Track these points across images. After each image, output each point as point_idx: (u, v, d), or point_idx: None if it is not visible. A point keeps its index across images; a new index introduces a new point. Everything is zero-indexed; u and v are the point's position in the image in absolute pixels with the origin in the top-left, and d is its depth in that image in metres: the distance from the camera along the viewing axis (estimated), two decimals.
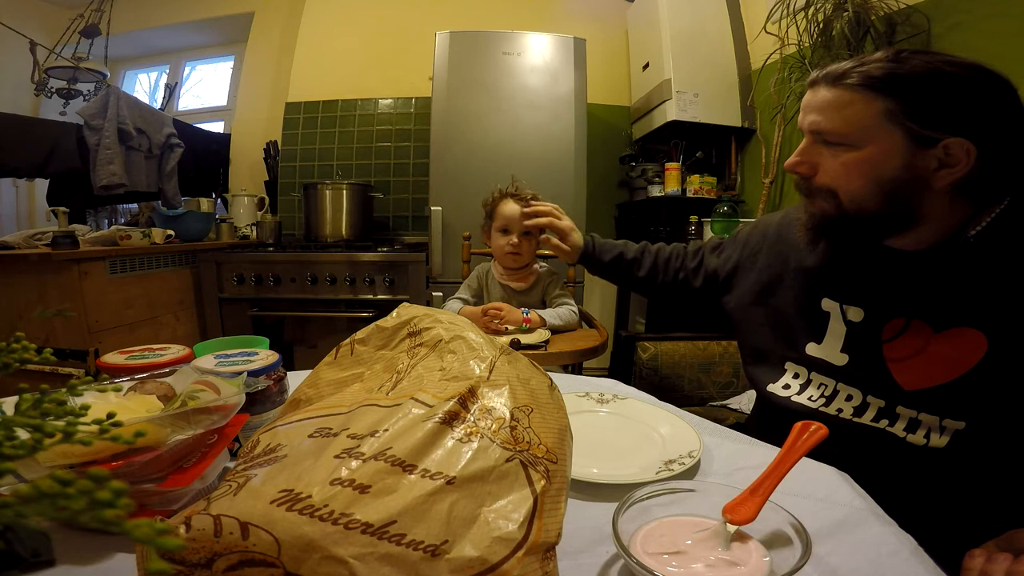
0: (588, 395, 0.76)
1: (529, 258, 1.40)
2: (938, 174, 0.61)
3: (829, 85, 0.65)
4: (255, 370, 0.60)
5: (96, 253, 1.76)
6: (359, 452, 0.32)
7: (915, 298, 0.66)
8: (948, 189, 0.62)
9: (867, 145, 0.63)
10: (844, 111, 0.64)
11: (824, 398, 0.71)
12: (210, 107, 3.31)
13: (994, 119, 0.60)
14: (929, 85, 0.60)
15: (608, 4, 2.85)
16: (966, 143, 0.59)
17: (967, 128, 0.59)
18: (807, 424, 0.49)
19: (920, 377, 0.65)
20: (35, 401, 0.26)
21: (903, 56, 0.62)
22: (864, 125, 0.62)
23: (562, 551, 0.36)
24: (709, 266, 0.95)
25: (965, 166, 0.60)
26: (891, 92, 0.61)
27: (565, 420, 0.44)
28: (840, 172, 0.65)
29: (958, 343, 0.63)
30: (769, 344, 0.80)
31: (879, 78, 0.61)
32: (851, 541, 0.44)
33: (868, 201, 0.64)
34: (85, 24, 2.62)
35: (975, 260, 0.62)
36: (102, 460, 0.41)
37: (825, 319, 0.73)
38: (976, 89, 0.60)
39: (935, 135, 0.60)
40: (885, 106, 0.61)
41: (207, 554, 0.28)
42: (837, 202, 0.66)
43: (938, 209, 0.63)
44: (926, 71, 0.60)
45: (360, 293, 2.14)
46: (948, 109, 0.60)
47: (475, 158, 2.17)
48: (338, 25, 2.87)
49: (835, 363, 0.71)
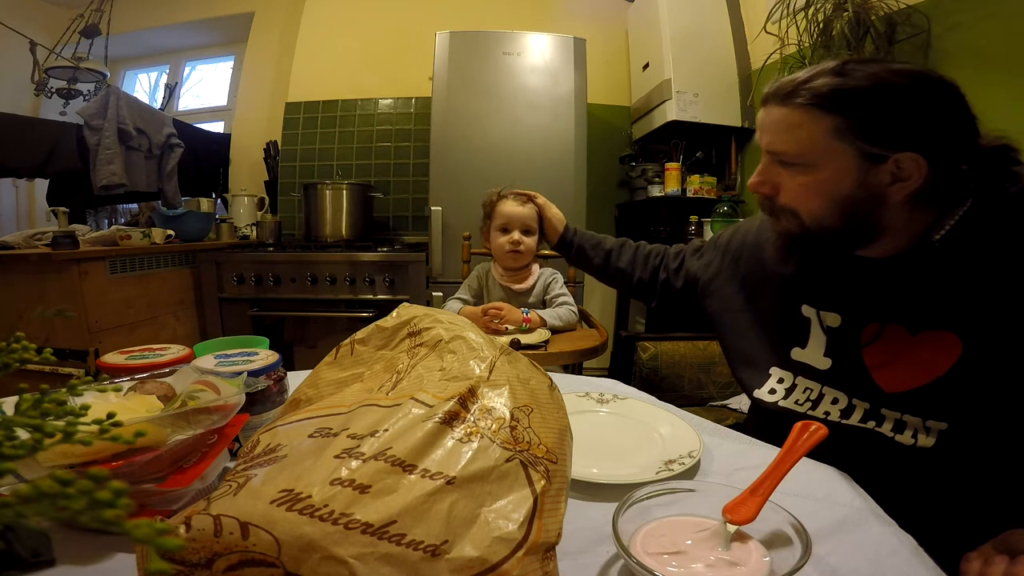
0: (588, 395, 0.76)
1: (529, 256, 1.40)
2: (892, 188, 0.62)
3: (779, 104, 0.65)
4: (255, 370, 0.60)
5: (96, 253, 1.76)
6: (359, 452, 0.32)
7: (888, 303, 0.67)
8: (905, 200, 0.62)
9: (821, 165, 0.63)
10: (795, 132, 0.64)
11: (810, 402, 0.72)
12: (210, 107, 3.31)
13: (941, 129, 0.60)
14: (874, 100, 0.60)
15: (608, 4, 2.85)
16: (916, 156, 0.59)
17: (915, 142, 0.59)
18: (807, 424, 0.49)
19: (900, 380, 0.66)
20: (35, 401, 0.26)
21: (848, 69, 0.62)
22: (816, 146, 0.63)
23: (562, 551, 0.36)
24: (691, 269, 0.96)
25: (918, 178, 0.60)
26: (837, 109, 0.61)
27: (565, 420, 0.44)
28: (799, 193, 0.66)
29: (934, 345, 0.63)
30: (754, 349, 0.80)
31: (825, 95, 0.61)
32: (851, 541, 0.44)
33: (828, 220, 0.65)
34: (85, 24, 2.62)
35: (942, 264, 0.62)
36: (102, 460, 0.41)
37: (806, 325, 0.73)
38: (921, 101, 0.59)
39: (884, 151, 0.60)
40: (833, 124, 0.61)
41: (207, 554, 0.28)
42: (800, 221, 0.67)
43: (899, 220, 0.64)
44: (870, 85, 0.60)
45: (360, 293, 2.14)
46: (894, 124, 0.60)
47: (475, 158, 2.17)
48: (338, 25, 2.87)
49: (819, 367, 0.72)
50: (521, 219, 1.33)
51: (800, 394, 0.73)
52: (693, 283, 0.94)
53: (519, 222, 1.34)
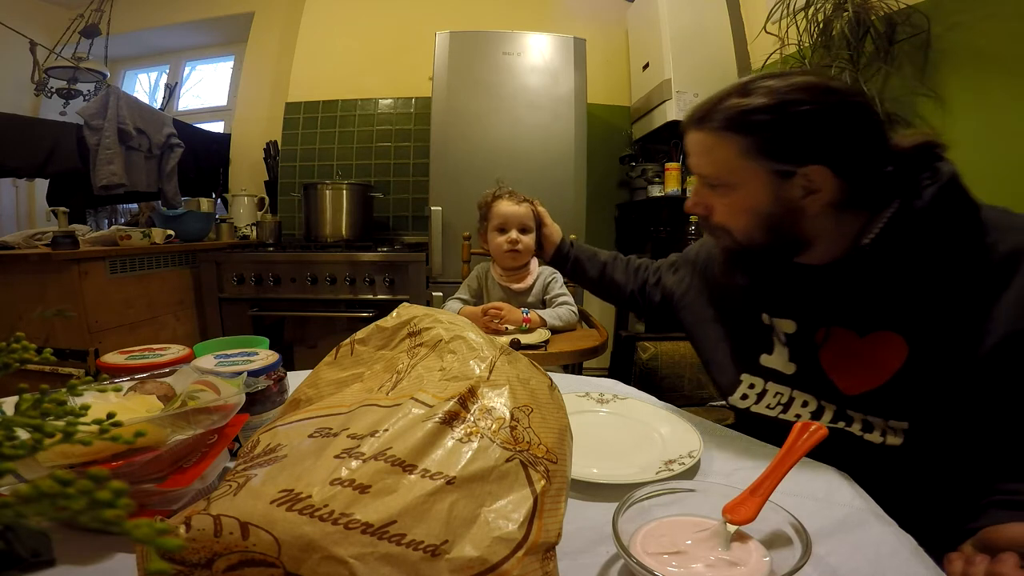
0: (588, 395, 0.76)
1: (528, 255, 1.40)
2: (807, 201, 0.63)
3: (696, 128, 0.67)
4: (255, 370, 0.60)
5: (96, 253, 1.76)
6: (359, 452, 0.32)
7: (834, 307, 0.68)
8: (826, 210, 0.63)
9: (738, 185, 0.65)
10: (711, 155, 0.66)
11: (781, 406, 0.73)
12: (210, 107, 3.31)
13: (843, 140, 0.61)
14: (775, 119, 0.61)
15: (608, 4, 2.85)
16: (822, 168, 0.61)
17: (818, 155, 0.61)
18: (807, 424, 0.49)
19: (857, 382, 0.67)
20: (35, 401, 0.26)
21: (752, 87, 0.63)
22: (731, 167, 0.65)
23: (562, 551, 0.36)
24: (666, 284, 0.98)
25: (830, 189, 0.62)
26: (743, 130, 0.63)
27: (565, 420, 0.44)
28: (726, 212, 0.68)
29: (882, 347, 0.64)
30: (726, 358, 0.82)
31: (731, 117, 0.63)
32: (851, 541, 0.44)
33: (755, 235, 0.67)
34: (85, 24, 2.62)
35: (876, 267, 0.63)
36: (102, 460, 0.41)
37: (769, 332, 0.75)
38: (820, 114, 0.60)
39: (791, 167, 0.62)
40: (742, 145, 0.63)
41: (207, 554, 0.28)
42: (733, 238, 0.69)
43: (826, 228, 0.65)
44: (770, 104, 0.61)
45: (360, 293, 2.14)
46: (795, 140, 0.61)
47: (475, 158, 2.17)
48: (338, 25, 2.87)
49: (786, 372, 0.73)
50: (518, 218, 1.33)
51: (771, 399, 0.74)
52: (669, 297, 0.96)
53: (516, 221, 1.34)
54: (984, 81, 1.42)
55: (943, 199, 0.60)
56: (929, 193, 0.61)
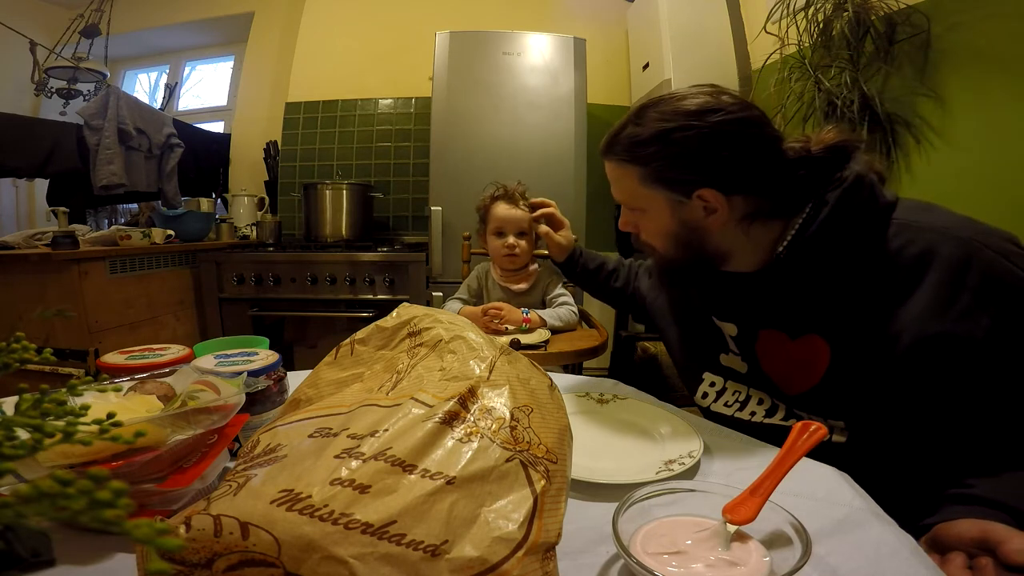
0: (588, 395, 0.76)
1: (526, 258, 1.40)
2: (709, 220, 0.65)
3: (604, 157, 0.70)
4: (255, 370, 0.60)
5: (96, 253, 1.76)
6: (359, 452, 0.32)
7: (763, 312, 0.70)
8: (732, 225, 0.65)
9: (645, 209, 0.69)
10: (620, 183, 0.70)
11: (738, 403, 0.74)
12: (210, 107, 3.31)
13: (725, 161, 0.62)
14: (659, 149, 0.63)
15: (608, 4, 2.85)
16: (713, 191, 0.62)
17: (704, 179, 0.62)
18: (807, 424, 0.49)
19: (793, 383, 0.68)
20: (35, 401, 0.26)
21: (644, 117, 0.65)
22: (636, 194, 0.68)
23: (562, 551, 0.36)
24: (640, 288, 1.00)
25: (725, 207, 0.63)
26: (638, 160, 0.65)
27: (565, 420, 0.44)
28: (646, 233, 0.72)
29: (810, 349, 0.65)
30: (689, 358, 0.83)
31: (626, 148, 0.66)
32: (851, 541, 0.44)
33: (672, 253, 0.70)
34: (85, 24, 2.62)
35: (792, 272, 0.64)
36: (102, 460, 0.41)
37: (721, 333, 0.76)
38: (700, 139, 0.61)
39: (684, 191, 0.63)
40: (640, 172, 0.65)
41: (207, 554, 0.28)
42: (658, 255, 0.72)
43: (737, 242, 0.67)
44: (653, 135, 0.63)
45: (360, 293, 2.14)
46: (680, 168, 0.63)
47: (475, 158, 2.17)
48: (338, 25, 2.87)
49: (741, 371, 0.74)
50: (515, 222, 1.33)
51: (729, 396, 0.76)
52: (643, 301, 0.98)
53: (513, 225, 1.34)
54: (984, 81, 1.42)
55: (846, 202, 0.61)
56: (832, 197, 0.61)
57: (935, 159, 1.53)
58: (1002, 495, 0.53)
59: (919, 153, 1.56)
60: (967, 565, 0.46)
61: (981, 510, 0.52)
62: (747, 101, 0.64)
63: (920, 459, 0.61)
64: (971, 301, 0.56)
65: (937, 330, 0.57)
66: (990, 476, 0.55)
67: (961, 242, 0.58)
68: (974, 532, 0.48)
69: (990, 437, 0.58)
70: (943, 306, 0.57)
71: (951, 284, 0.57)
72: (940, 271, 0.58)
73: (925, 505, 0.57)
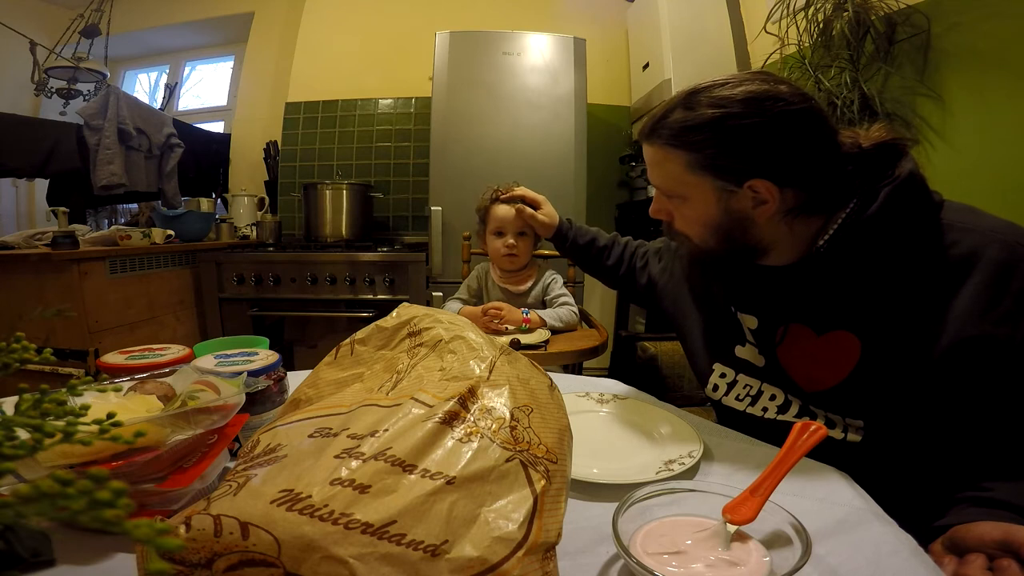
0: (588, 395, 0.76)
1: (526, 259, 1.40)
2: (756, 212, 0.63)
3: (647, 141, 0.68)
4: (255, 370, 0.60)
5: (96, 253, 1.76)
6: (359, 452, 0.32)
7: (793, 306, 0.69)
8: (778, 218, 0.63)
9: (688, 197, 0.66)
10: (662, 168, 0.67)
11: (750, 397, 0.73)
12: (210, 107, 3.31)
13: (784, 152, 0.60)
14: (716, 135, 0.61)
15: (608, 4, 2.85)
16: (766, 182, 0.61)
17: (761, 168, 0.61)
18: (807, 424, 0.49)
19: (814, 379, 0.67)
20: (35, 401, 0.26)
21: (695, 101, 0.63)
22: (680, 180, 0.66)
23: (562, 551, 0.36)
24: (651, 271, 0.98)
25: (778, 199, 0.62)
26: (686, 146, 0.63)
27: (565, 420, 0.44)
28: (684, 221, 0.70)
29: (837, 346, 0.64)
30: (701, 348, 0.82)
31: (676, 133, 0.64)
32: (851, 541, 0.44)
33: (710, 243, 0.68)
34: (85, 24, 2.62)
35: (831, 268, 0.63)
36: (102, 460, 0.41)
37: (740, 324, 0.75)
38: (760, 128, 0.60)
39: (735, 180, 0.62)
40: (688, 158, 0.63)
41: (207, 554, 0.28)
42: (693, 244, 0.71)
43: (779, 234, 0.65)
44: (710, 120, 0.61)
45: (360, 293, 2.14)
46: (735, 157, 0.61)
47: (475, 158, 2.17)
48: (338, 25, 2.87)
49: (757, 364, 0.73)
50: (514, 223, 1.33)
51: (740, 389, 0.75)
52: (653, 285, 0.96)
53: (513, 226, 1.34)
54: (984, 81, 1.42)
55: (896, 199, 0.60)
56: (883, 194, 0.60)
57: (935, 159, 1.53)
58: (1021, 499, 0.53)
59: (919, 153, 1.56)
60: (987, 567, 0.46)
61: (1000, 513, 0.52)
62: (806, 92, 0.62)
63: (934, 461, 0.61)
64: (1012, 305, 0.56)
65: (976, 332, 0.56)
66: (1007, 480, 0.55)
67: (1006, 245, 0.58)
68: (996, 534, 0.47)
69: (1010, 441, 0.58)
70: (984, 308, 0.57)
71: (994, 286, 0.57)
72: (984, 273, 0.57)
73: (935, 507, 0.57)
